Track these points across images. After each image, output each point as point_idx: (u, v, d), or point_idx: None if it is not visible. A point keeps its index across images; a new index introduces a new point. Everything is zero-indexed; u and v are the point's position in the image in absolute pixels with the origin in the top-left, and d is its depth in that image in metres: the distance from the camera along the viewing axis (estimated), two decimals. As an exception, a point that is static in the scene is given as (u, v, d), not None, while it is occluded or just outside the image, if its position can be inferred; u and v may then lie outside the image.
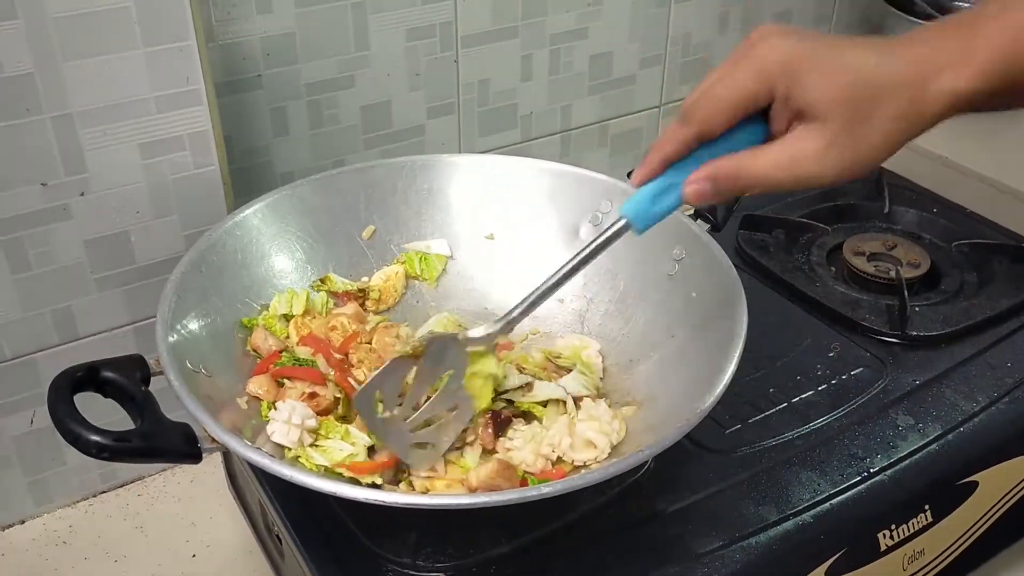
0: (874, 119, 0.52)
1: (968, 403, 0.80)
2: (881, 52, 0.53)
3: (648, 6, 1.15)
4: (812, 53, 0.53)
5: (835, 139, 0.52)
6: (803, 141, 0.53)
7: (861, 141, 0.52)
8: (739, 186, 0.55)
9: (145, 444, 0.58)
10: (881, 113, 0.52)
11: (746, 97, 0.54)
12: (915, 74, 0.52)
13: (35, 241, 0.78)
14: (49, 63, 0.72)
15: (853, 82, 0.52)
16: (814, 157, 0.52)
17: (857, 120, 0.52)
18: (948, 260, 0.97)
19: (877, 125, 0.52)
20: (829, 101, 0.52)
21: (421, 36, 1.00)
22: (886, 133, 0.52)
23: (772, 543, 0.67)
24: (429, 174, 0.85)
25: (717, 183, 0.55)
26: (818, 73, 0.52)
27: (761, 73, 0.53)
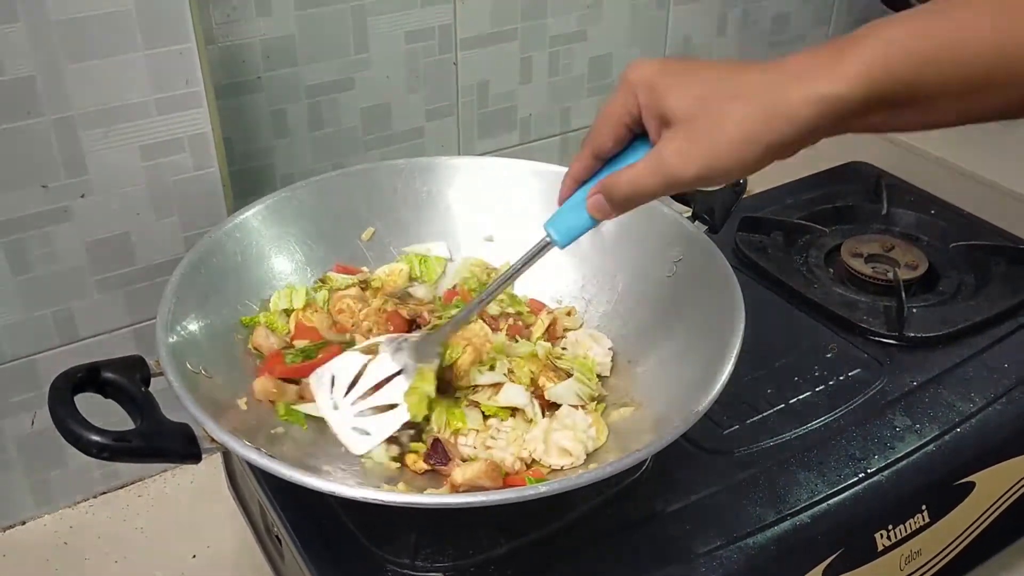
0: (728, 117, 0.53)
1: (965, 404, 0.80)
2: (746, 66, 0.55)
3: (647, 9, 1.15)
4: (673, 69, 0.57)
5: (691, 137, 0.55)
6: (666, 143, 0.56)
7: (717, 138, 0.54)
8: (623, 193, 0.59)
9: (145, 444, 0.58)
10: (736, 112, 0.53)
11: (620, 112, 0.59)
12: (775, 80, 0.53)
13: (36, 243, 0.78)
14: (50, 66, 0.73)
15: (710, 85, 0.55)
16: (675, 156, 0.55)
17: (712, 117, 0.54)
18: (946, 262, 0.97)
19: (732, 123, 0.53)
20: (685, 105, 0.55)
21: (420, 39, 1.00)
22: (742, 131, 0.53)
23: (770, 543, 0.68)
24: (428, 176, 0.86)
25: (606, 192, 0.60)
26: (675, 83, 0.56)
27: (630, 87, 0.58)
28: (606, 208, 0.60)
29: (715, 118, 0.54)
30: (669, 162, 0.56)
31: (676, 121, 0.55)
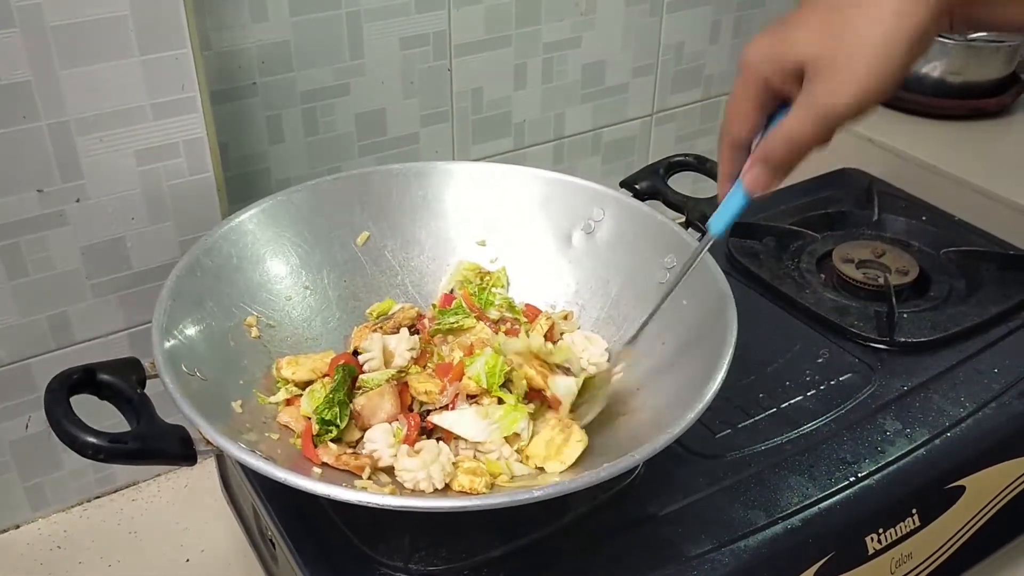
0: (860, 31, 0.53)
1: (955, 408, 0.80)
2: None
3: (641, 15, 1.16)
4: (778, 29, 0.57)
5: (832, 64, 0.54)
6: (812, 85, 0.55)
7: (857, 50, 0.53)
8: (781, 152, 0.58)
9: (140, 446, 0.58)
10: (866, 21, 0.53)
11: (749, 95, 0.58)
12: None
13: (32, 247, 0.78)
14: (46, 71, 0.73)
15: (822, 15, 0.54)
16: (824, 91, 0.54)
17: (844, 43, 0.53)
18: (937, 267, 0.98)
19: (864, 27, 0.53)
20: (811, 43, 0.54)
21: (415, 45, 1.01)
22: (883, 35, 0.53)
23: (761, 547, 0.68)
24: (423, 181, 0.86)
25: (766, 161, 0.59)
26: (790, 36, 0.56)
27: (750, 71, 0.58)
28: (766, 177, 0.60)
29: (846, 35, 0.53)
30: (821, 100, 0.55)
31: (809, 63, 0.55)
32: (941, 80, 1.26)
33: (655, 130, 1.26)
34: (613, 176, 1.17)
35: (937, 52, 1.25)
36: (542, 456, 0.68)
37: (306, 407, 0.70)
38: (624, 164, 1.24)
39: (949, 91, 1.26)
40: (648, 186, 0.87)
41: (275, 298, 0.79)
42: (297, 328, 0.79)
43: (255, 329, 0.76)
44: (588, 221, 0.83)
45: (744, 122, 0.60)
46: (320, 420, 0.68)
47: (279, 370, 0.73)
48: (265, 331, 0.76)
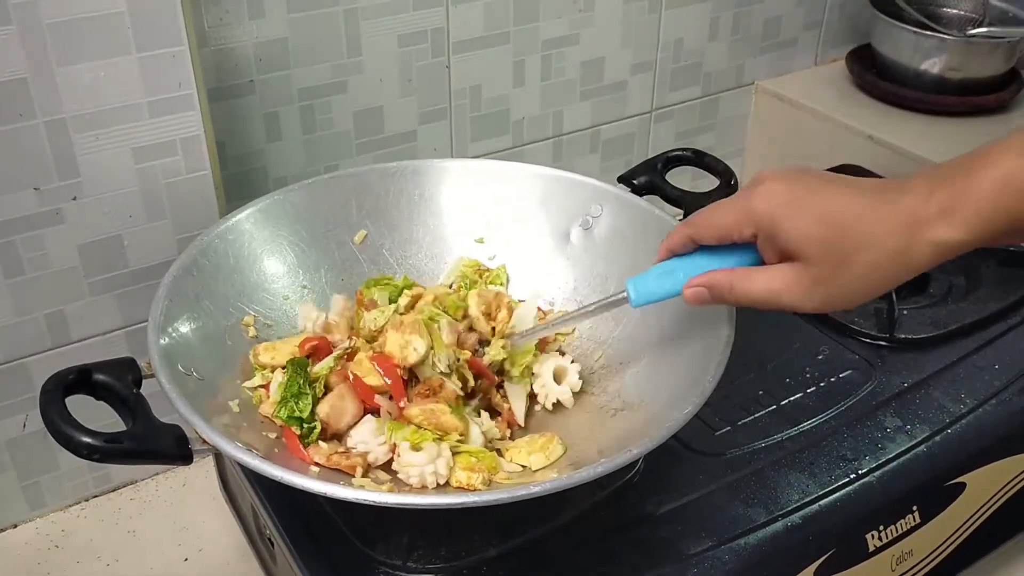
0: (855, 265, 0.55)
1: (956, 405, 0.80)
2: (868, 202, 0.56)
3: (639, 12, 1.16)
4: (798, 201, 0.57)
5: (818, 279, 0.57)
6: (790, 275, 0.58)
7: (843, 284, 0.56)
8: (732, 298, 0.61)
9: (136, 445, 0.58)
10: (863, 259, 0.55)
11: (732, 229, 0.60)
12: (900, 225, 0.54)
13: (28, 245, 0.78)
14: (43, 68, 0.73)
15: (837, 230, 0.56)
16: (798, 292, 0.58)
17: (839, 264, 0.56)
18: (936, 264, 0.98)
19: (858, 270, 0.55)
20: (812, 246, 0.56)
21: (413, 42, 1.00)
22: (868, 278, 0.56)
23: (761, 544, 0.68)
24: (421, 179, 0.86)
25: (712, 291, 0.62)
26: (802, 219, 0.57)
27: (749, 215, 0.59)
28: (706, 301, 0.62)
29: (844, 266, 0.55)
30: (790, 295, 0.58)
31: (800, 259, 0.57)
32: (941, 77, 1.25)
33: (654, 127, 1.25)
34: (612, 173, 1.16)
35: (936, 48, 1.25)
36: (525, 452, 0.67)
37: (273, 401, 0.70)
38: (623, 161, 1.24)
39: (949, 88, 1.26)
40: (646, 181, 0.87)
41: (272, 297, 0.78)
42: (294, 327, 0.79)
43: (252, 328, 0.75)
44: (586, 217, 0.83)
45: (713, 235, 0.62)
46: (291, 420, 0.68)
47: (256, 356, 0.73)
48: (262, 330, 0.76)
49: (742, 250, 0.62)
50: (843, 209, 0.56)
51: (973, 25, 1.32)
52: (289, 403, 0.68)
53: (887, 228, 0.55)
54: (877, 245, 0.55)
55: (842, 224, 0.55)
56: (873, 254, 0.55)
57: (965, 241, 0.54)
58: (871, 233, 0.55)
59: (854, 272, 0.55)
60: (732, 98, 1.32)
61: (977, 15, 1.34)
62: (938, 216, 0.54)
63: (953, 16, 1.36)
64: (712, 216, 0.61)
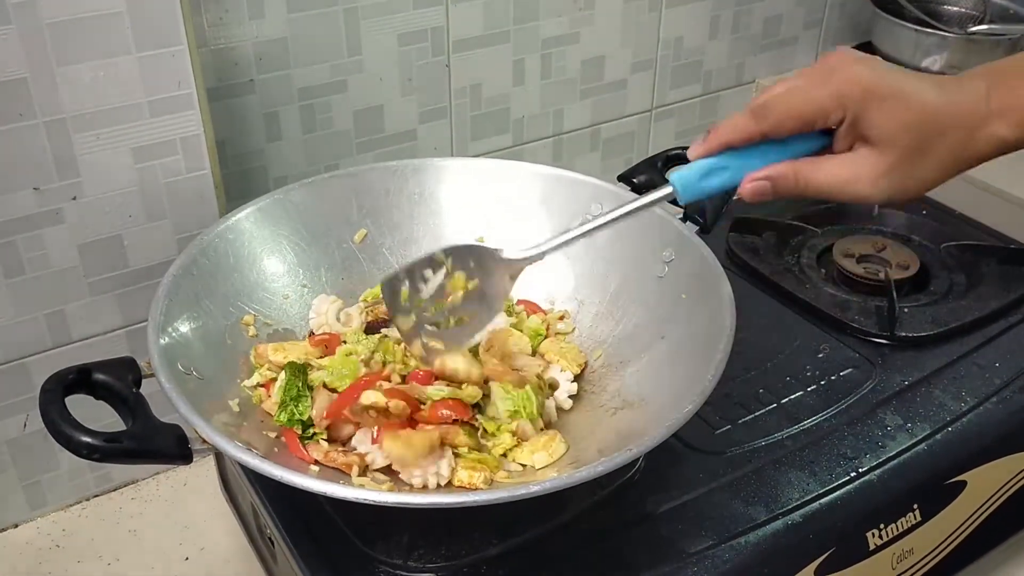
0: (931, 153, 0.57)
1: (956, 403, 0.80)
2: (938, 93, 0.58)
3: (639, 11, 1.16)
4: (885, 87, 0.57)
5: (894, 167, 0.58)
6: (864, 163, 0.58)
7: (917, 171, 0.58)
8: (797, 190, 0.60)
9: (136, 445, 0.58)
10: (938, 148, 0.57)
11: (820, 114, 0.58)
12: (969, 116, 0.57)
13: (28, 245, 0.78)
14: (43, 68, 0.73)
15: (918, 119, 0.57)
16: (870, 180, 0.58)
17: (917, 152, 0.57)
18: (937, 262, 0.98)
19: (933, 158, 0.57)
20: (894, 132, 0.57)
21: (413, 41, 1.00)
22: (939, 166, 0.58)
23: (761, 543, 0.68)
24: (421, 178, 0.86)
25: (776, 184, 0.60)
26: (889, 106, 0.57)
27: (838, 98, 0.57)
28: (768, 195, 0.60)
29: (917, 156, 0.57)
30: (861, 183, 0.58)
31: (882, 146, 0.57)
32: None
33: (654, 126, 1.25)
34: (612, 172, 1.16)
35: (936, 46, 1.24)
36: (528, 451, 0.67)
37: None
38: (623, 160, 1.24)
39: (949, 85, 1.26)
40: (646, 180, 0.87)
41: (272, 297, 0.79)
42: (294, 327, 0.79)
43: (252, 328, 0.76)
44: (586, 216, 0.83)
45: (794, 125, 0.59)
46: (292, 423, 0.68)
47: (259, 355, 0.73)
48: (262, 330, 0.76)
49: (808, 139, 0.60)
50: (924, 98, 0.57)
51: (974, 22, 1.32)
52: (289, 407, 0.68)
53: (961, 119, 0.57)
54: (950, 134, 0.57)
55: (925, 113, 0.57)
56: (946, 143, 0.57)
57: (1015, 139, 0.58)
58: (944, 123, 0.57)
59: (929, 159, 0.57)
60: (732, 96, 1.31)
61: (978, 12, 1.34)
62: (997, 114, 0.57)
63: (954, 13, 1.35)
64: (789, 105, 0.58)
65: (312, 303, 0.79)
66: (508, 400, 0.69)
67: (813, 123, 0.58)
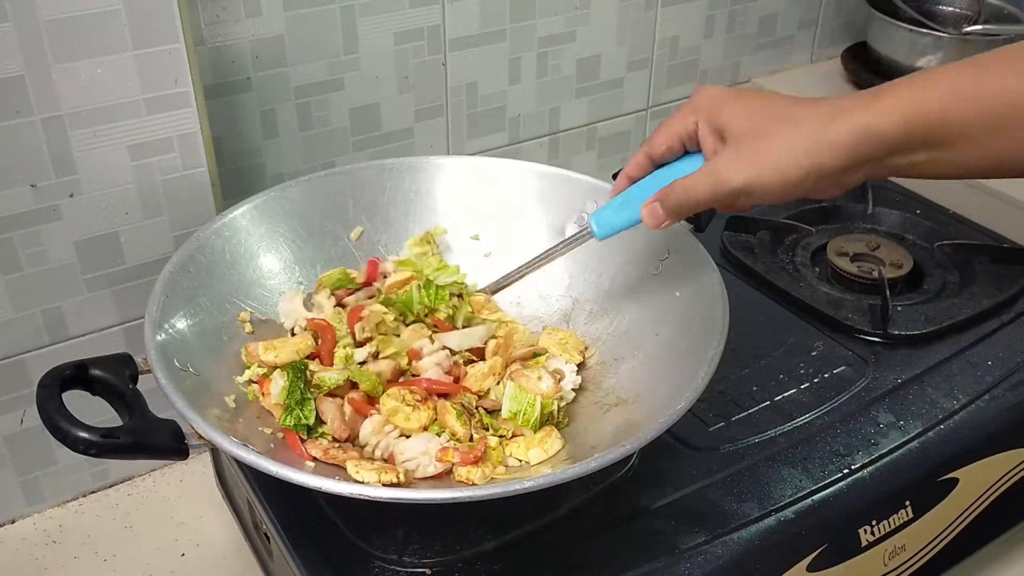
0: (776, 137, 0.60)
1: (949, 401, 0.81)
2: (799, 99, 0.62)
3: (635, 10, 1.16)
4: (734, 93, 0.65)
5: (741, 150, 0.62)
6: (721, 156, 0.63)
7: (764, 153, 0.60)
8: (683, 202, 0.65)
9: (132, 440, 0.58)
10: (783, 133, 0.60)
11: (680, 126, 0.67)
12: (821, 112, 0.60)
13: (25, 242, 0.78)
14: (39, 65, 0.73)
15: (763, 107, 0.62)
16: (725, 165, 0.62)
17: (762, 135, 0.61)
18: (931, 260, 0.98)
19: (777, 141, 0.60)
20: (739, 122, 0.62)
21: (409, 39, 1.01)
22: (787, 150, 0.59)
23: (754, 539, 0.68)
24: (417, 176, 0.86)
25: (664, 202, 0.66)
26: (733, 103, 0.64)
27: (693, 108, 0.66)
28: (660, 216, 0.66)
29: (764, 136, 0.61)
30: (719, 171, 0.62)
31: (729, 135, 0.63)
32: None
33: (650, 124, 1.26)
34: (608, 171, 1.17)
35: (931, 46, 1.25)
36: (524, 447, 0.68)
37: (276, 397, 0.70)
38: (619, 159, 1.24)
39: (944, 85, 1.26)
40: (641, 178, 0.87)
41: (268, 293, 0.79)
42: (290, 323, 0.79)
43: (248, 324, 0.76)
44: (582, 214, 0.83)
45: (666, 144, 0.68)
46: (299, 428, 0.68)
47: (250, 354, 0.73)
48: (259, 327, 0.77)
49: (688, 164, 0.67)
50: (774, 99, 0.63)
51: (968, 22, 1.32)
52: (295, 411, 0.69)
53: (810, 112, 0.60)
54: (799, 121, 0.60)
55: (770, 106, 0.62)
56: (794, 128, 0.60)
57: (880, 127, 0.57)
58: (795, 112, 0.61)
59: (772, 144, 0.60)
60: (728, 95, 1.32)
61: (972, 12, 1.34)
62: (858, 106, 0.58)
63: (948, 14, 1.36)
64: (661, 129, 0.68)
65: (278, 309, 0.79)
66: (514, 402, 0.70)
67: (680, 134, 0.67)
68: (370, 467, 0.64)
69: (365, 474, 0.64)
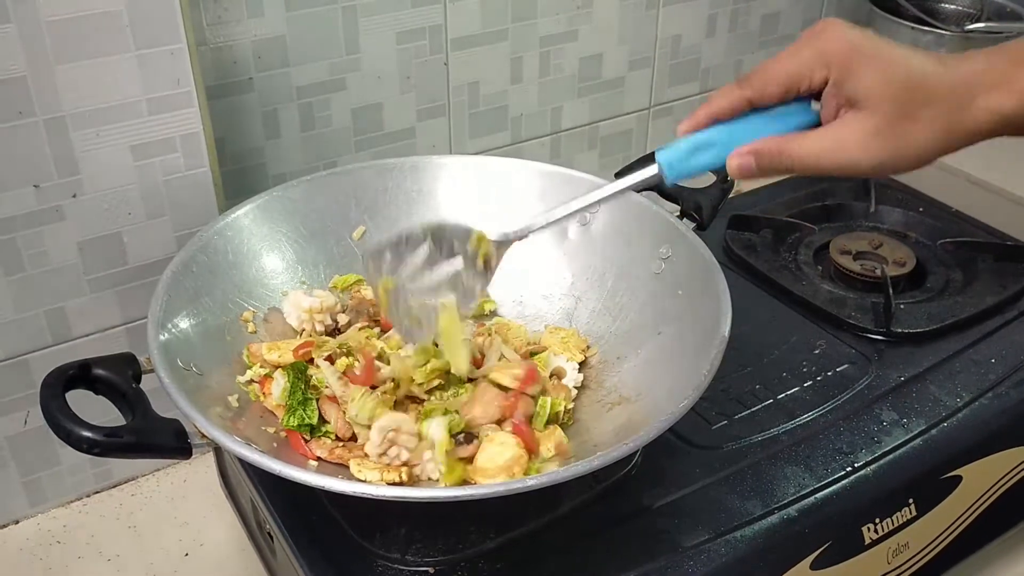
0: (920, 119, 0.55)
1: (952, 399, 0.80)
2: (933, 62, 0.56)
3: (637, 9, 1.16)
4: (872, 47, 0.56)
5: (880, 130, 0.55)
6: (849, 127, 0.56)
7: (904, 137, 0.55)
8: (782, 165, 0.58)
9: (135, 440, 0.59)
10: (927, 114, 0.54)
11: (803, 73, 0.57)
12: (964, 85, 0.55)
13: (28, 242, 0.78)
14: (42, 66, 0.73)
15: (907, 80, 0.55)
16: (856, 144, 0.55)
17: (904, 116, 0.55)
18: (933, 258, 0.98)
19: (921, 125, 0.55)
20: (880, 93, 0.55)
21: (411, 39, 1.01)
22: (930, 135, 0.55)
23: (757, 537, 0.68)
24: (419, 175, 0.86)
25: (761, 159, 0.58)
26: (875, 65, 0.55)
27: (822, 55, 0.56)
28: (753, 172, 0.59)
29: (908, 119, 0.55)
30: (850, 148, 0.56)
31: (868, 109, 0.55)
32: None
33: (652, 123, 1.26)
34: (610, 170, 1.16)
35: (933, 43, 1.25)
36: None
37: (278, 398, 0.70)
38: (621, 158, 1.24)
39: (946, 83, 1.26)
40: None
41: (271, 293, 0.79)
42: (293, 323, 0.79)
43: (251, 324, 0.76)
44: (584, 213, 0.83)
45: (778, 92, 0.58)
46: (303, 428, 0.69)
47: (252, 353, 0.73)
48: (261, 326, 0.77)
49: (799, 114, 0.59)
50: (914, 64, 0.56)
51: (971, 20, 1.32)
52: (297, 411, 0.69)
53: (953, 87, 0.55)
54: (940, 102, 0.55)
55: (914, 76, 0.55)
56: (935, 110, 0.54)
57: (1018, 111, 0.54)
58: (935, 90, 0.55)
59: (917, 126, 0.55)
60: (730, 94, 1.32)
61: (975, 10, 1.34)
62: (995, 84, 0.54)
63: (951, 11, 1.36)
64: (774, 68, 0.58)
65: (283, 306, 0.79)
66: None
67: (798, 83, 0.57)
68: (373, 466, 0.65)
69: (368, 473, 0.64)
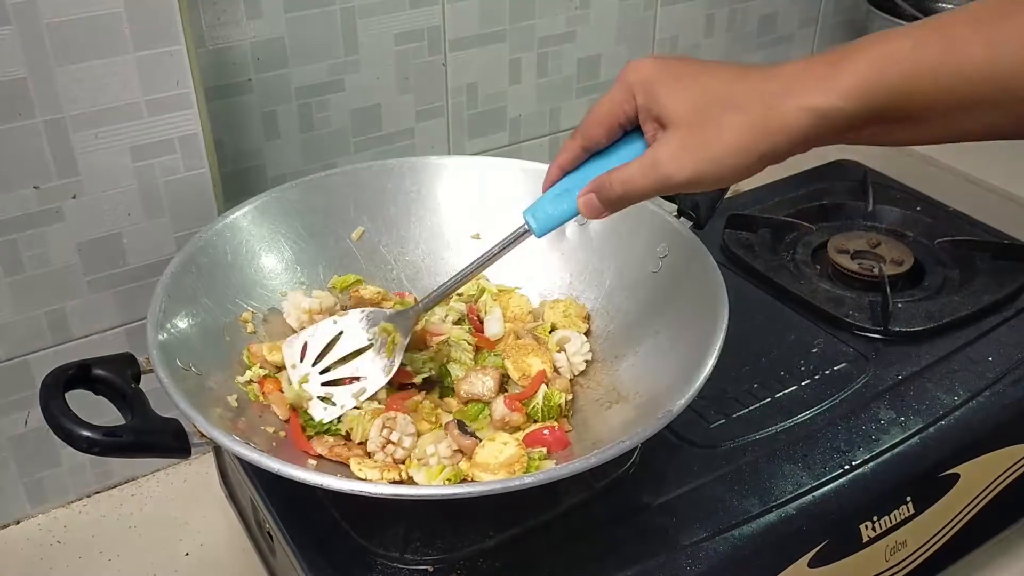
0: (722, 124, 0.55)
1: (949, 397, 0.81)
2: (739, 73, 0.57)
3: (635, 9, 1.16)
4: (675, 69, 0.58)
5: (686, 142, 0.56)
6: (661, 146, 0.57)
7: (712, 145, 0.55)
8: (615, 194, 0.60)
9: (135, 439, 0.59)
10: (731, 119, 0.55)
11: (615, 109, 0.60)
12: (771, 90, 0.54)
13: (28, 243, 0.79)
14: (42, 68, 0.73)
15: (705, 90, 0.56)
16: (669, 159, 0.57)
17: (706, 124, 0.56)
18: (931, 257, 0.98)
19: (727, 131, 0.55)
20: (682, 108, 0.57)
21: (410, 40, 1.01)
22: (735, 138, 0.55)
23: (755, 535, 0.68)
24: (418, 176, 0.86)
25: (600, 194, 0.61)
26: (675, 84, 0.57)
27: (628, 87, 0.59)
28: (598, 207, 0.61)
29: (711, 126, 0.55)
30: (663, 165, 0.57)
31: (672, 125, 0.57)
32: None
33: (651, 124, 1.26)
34: (609, 170, 1.17)
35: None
36: None
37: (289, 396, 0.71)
38: (620, 158, 1.24)
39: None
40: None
41: (270, 294, 0.79)
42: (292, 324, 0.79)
43: (250, 324, 0.76)
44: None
45: (602, 132, 0.61)
46: (311, 425, 0.70)
47: (253, 355, 0.74)
48: (260, 326, 0.77)
49: (625, 149, 0.62)
50: (714, 76, 0.57)
51: (968, 20, 1.32)
52: None
53: (759, 91, 0.54)
54: (745, 106, 0.54)
55: (712, 86, 0.56)
56: (741, 114, 0.54)
57: (839, 108, 0.52)
58: (742, 93, 0.55)
59: (721, 131, 0.55)
60: (729, 94, 1.32)
61: (972, 10, 1.34)
62: (812, 83, 0.53)
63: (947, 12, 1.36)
64: (594, 112, 0.61)
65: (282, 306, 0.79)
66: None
67: (616, 119, 0.60)
68: (373, 464, 0.65)
69: (368, 471, 0.65)
